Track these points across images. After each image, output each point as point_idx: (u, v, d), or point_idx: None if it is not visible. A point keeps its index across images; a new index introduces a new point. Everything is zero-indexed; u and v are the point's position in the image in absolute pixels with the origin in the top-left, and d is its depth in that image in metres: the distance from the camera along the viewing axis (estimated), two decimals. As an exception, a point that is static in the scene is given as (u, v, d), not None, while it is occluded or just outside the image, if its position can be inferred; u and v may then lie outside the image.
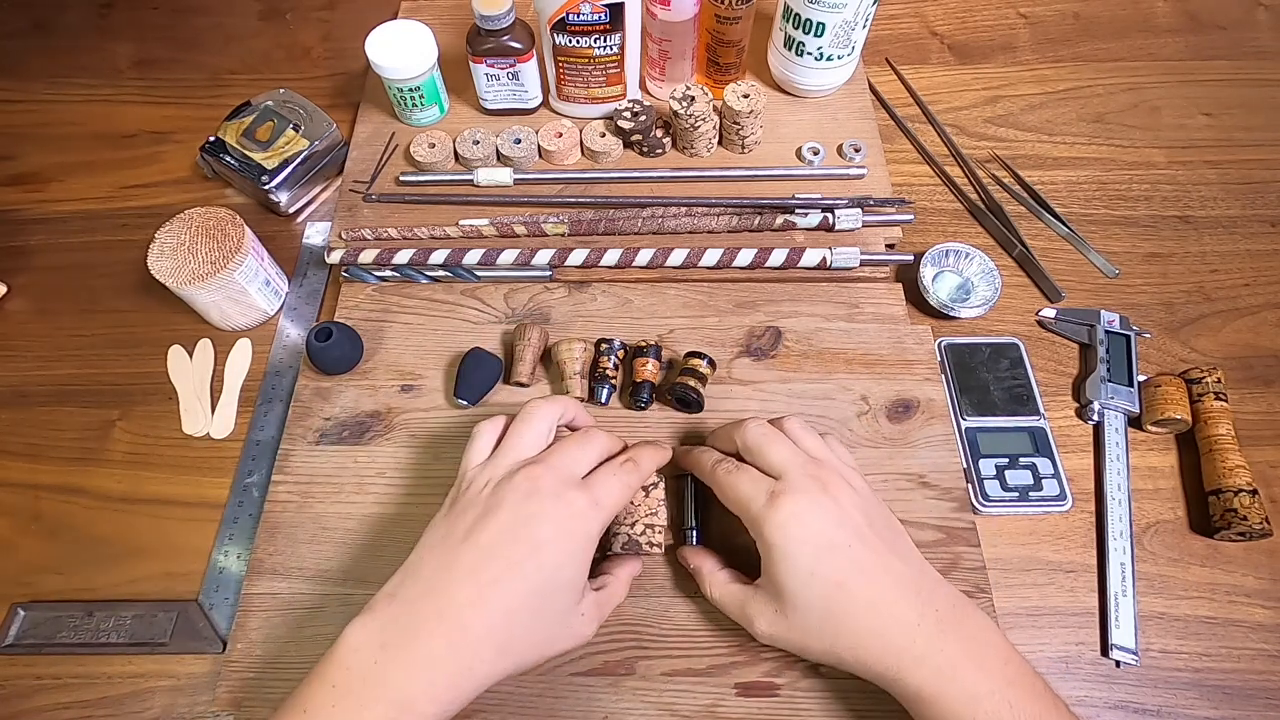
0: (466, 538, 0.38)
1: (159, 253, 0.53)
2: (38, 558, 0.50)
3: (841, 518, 0.39)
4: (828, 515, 0.39)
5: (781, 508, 0.39)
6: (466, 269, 0.57)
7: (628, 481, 0.42)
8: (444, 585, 0.37)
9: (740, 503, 0.41)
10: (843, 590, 0.38)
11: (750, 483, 0.41)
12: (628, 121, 0.61)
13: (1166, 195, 0.64)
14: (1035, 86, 0.70)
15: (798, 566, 0.38)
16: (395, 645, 0.35)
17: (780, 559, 0.39)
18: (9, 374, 0.57)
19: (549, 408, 0.44)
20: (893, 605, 0.38)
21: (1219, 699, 0.45)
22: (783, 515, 0.39)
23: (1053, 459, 0.51)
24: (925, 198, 0.64)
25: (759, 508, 0.40)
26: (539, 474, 0.39)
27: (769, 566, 0.39)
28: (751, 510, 0.40)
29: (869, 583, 0.38)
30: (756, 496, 0.40)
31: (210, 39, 0.75)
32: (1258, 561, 0.49)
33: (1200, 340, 0.57)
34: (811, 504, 0.39)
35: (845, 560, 0.38)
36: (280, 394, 0.55)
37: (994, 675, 0.36)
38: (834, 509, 0.39)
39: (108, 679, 0.46)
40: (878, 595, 0.38)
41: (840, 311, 0.56)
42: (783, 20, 0.61)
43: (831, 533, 0.39)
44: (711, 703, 0.43)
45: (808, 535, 0.38)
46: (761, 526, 0.39)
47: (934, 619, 0.37)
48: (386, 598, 0.38)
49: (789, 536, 0.38)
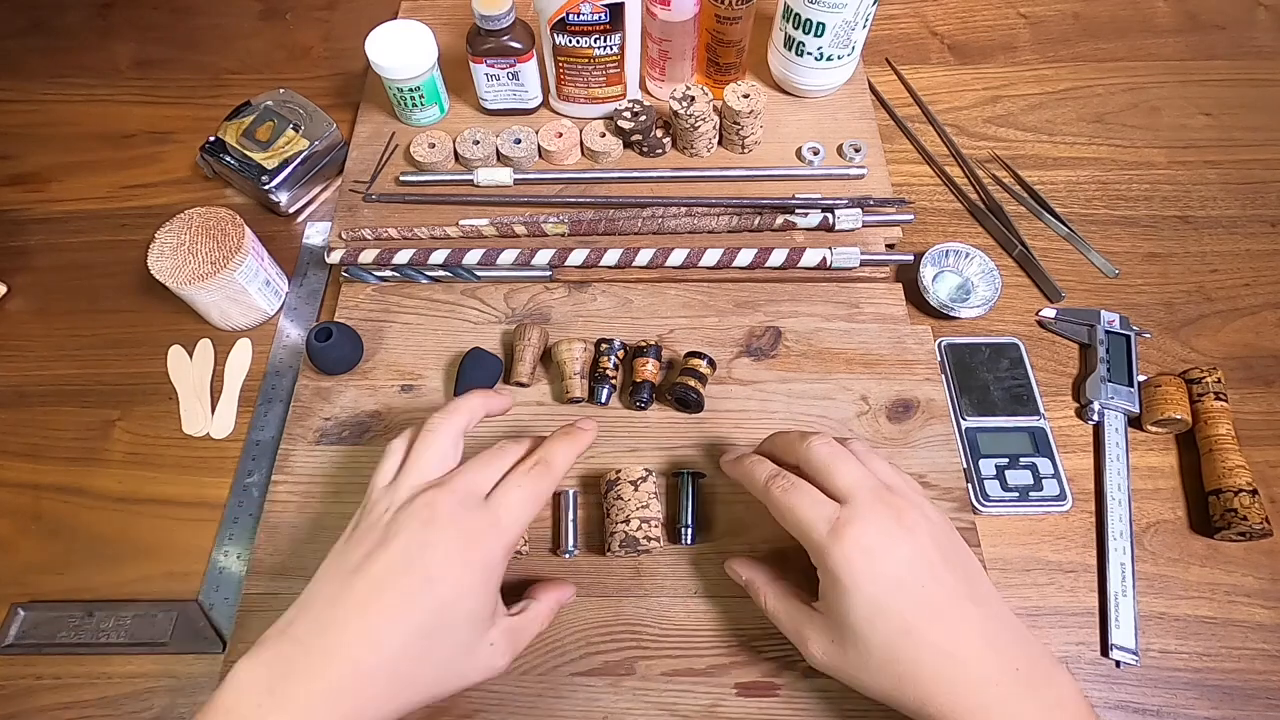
0: (359, 569, 0.36)
1: (159, 253, 0.53)
2: (38, 558, 0.50)
3: (915, 553, 0.36)
4: (899, 549, 0.36)
5: (848, 537, 0.35)
6: (466, 269, 0.57)
7: (536, 490, 0.39)
8: (334, 620, 0.35)
9: (801, 527, 0.37)
10: (911, 636, 0.35)
11: (813, 505, 0.37)
12: (628, 121, 0.61)
13: (1166, 195, 0.64)
14: (1035, 86, 0.70)
15: (863, 604, 0.35)
16: (281, 688, 0.33)
17: (844, 594, 0.35)
18: (9, 374, 0.57)
19: (448, 422, 0.40)
20: (966, 657, 0.34)
21: (1219, 699, 0.45)
22: (849, 546, 0.35)
23: (1053, 459, 0.51)
24: (925, 198, 0.64)
25: (822, 535, 0.36)
26: (436, 499, 0.37)
27: (831, 599, 0.36)
28: (813, 537, 0.37)
29: (942, 629, 0.35)
30: (819, 522, 0.36)
31: (210, 39, 0.75)
32: (1258, 561, 0.49)
33: (1200, 340, 0.57)
34: (882, 535, 0.36)
35: (916, 601, 0.35)
36: (280, 394, 0.55)
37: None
38: (907, 542, 0.36)
39: (108, 679, 0.46)
40: (950, 644, 0.35)
41: (840, 311, 0.56)
42: (783, 20, 0.61)
43: (903, 570, 0.35)
44: (711, 703, 0.43)
45: (877, 571, 0.35)
46: (825, 556, 0.36)
47: (1011, 678, 0.34)
48: (277, 633, 0.35)
49: (856, 570, 0.35)
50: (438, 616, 0.35)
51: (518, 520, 0.38)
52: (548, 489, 0.39)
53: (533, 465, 0.40)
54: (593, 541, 0.48)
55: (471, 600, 0.36)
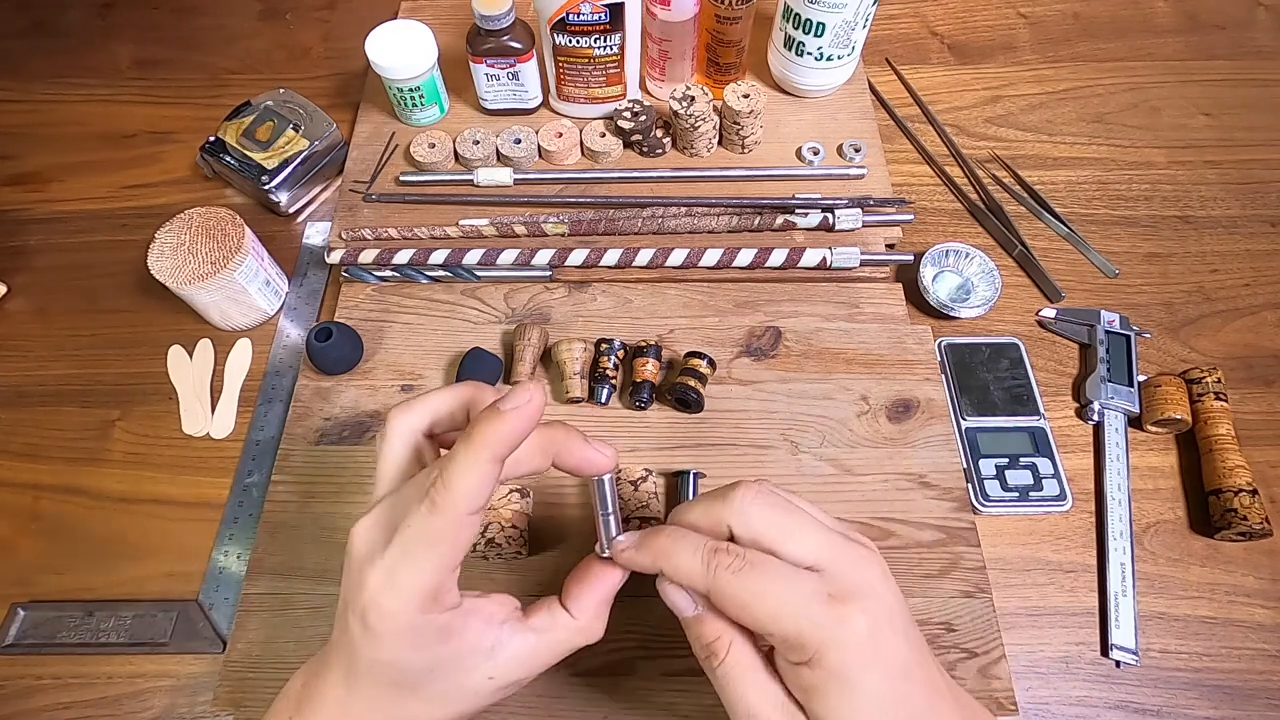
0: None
1: (159, 253, 0.53)
2: (38, 558, 0.50)
3: (906, 627, 0.30)
4: (898, 620, 0.29)
5: (854, 621, 0.28)
6: (466, 269, 0.57)
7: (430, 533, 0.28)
8: (323, 663, 0.32)
9: (782, 614, 0.28)
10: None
11: (791, 582, 0.28)
12: (628, 121, 0.61)
13: (1166, 195, 0.64)
14: (1035, 86, 0.70)
15: (873, 705, 0.28)
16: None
17: (850, 695, 0.28)
18: (9, 374, 0.57)
19: (391, 438, 0.32)
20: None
21: (1219, 699, 0.45)
22: (859, 631, 0.28)
23: (1053, 459, 0.51)
24: (925, 198, 0.64)
25: (817, 622, 0.28)
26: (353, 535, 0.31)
27: (830, 703, 0.28)
28: (804, 626, 0.28)
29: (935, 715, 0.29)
30: (808, 604, 0.28)
31: (210, 39, 0.75)
32: (1258, 561, 0.49)
33: (1200, 340, 0.57)
34: (882, 606, 0.29)
35: (915, 691, 0.29)
36: (280, 394, 0.55)
37: None
38: (898, 609, 0.30)
39: (108, 679, 0.46)
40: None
41: (840, 311, 0.56)
42: (783, 20, 0.61)
43: (904, 653, 0.29)
44: (711, 703, 0.43)
45: (888, 658, 0.28)
46: (824, 649, 0.28)
47: None
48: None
49: (866, 661, 0.28)
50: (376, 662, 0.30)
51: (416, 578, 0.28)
52: (444, 530, 0.28)
53: (423, 502, 0.28)
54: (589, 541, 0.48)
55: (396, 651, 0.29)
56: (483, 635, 0.30)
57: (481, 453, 0.28)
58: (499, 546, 0.44)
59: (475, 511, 0.28)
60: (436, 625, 0.29)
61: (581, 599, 0.32)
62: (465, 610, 0.30)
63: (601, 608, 0.33)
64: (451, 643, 0.30)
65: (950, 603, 0.46)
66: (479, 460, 0.28)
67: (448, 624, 0.29)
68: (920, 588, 0.46)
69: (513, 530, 0.45)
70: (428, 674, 0.30)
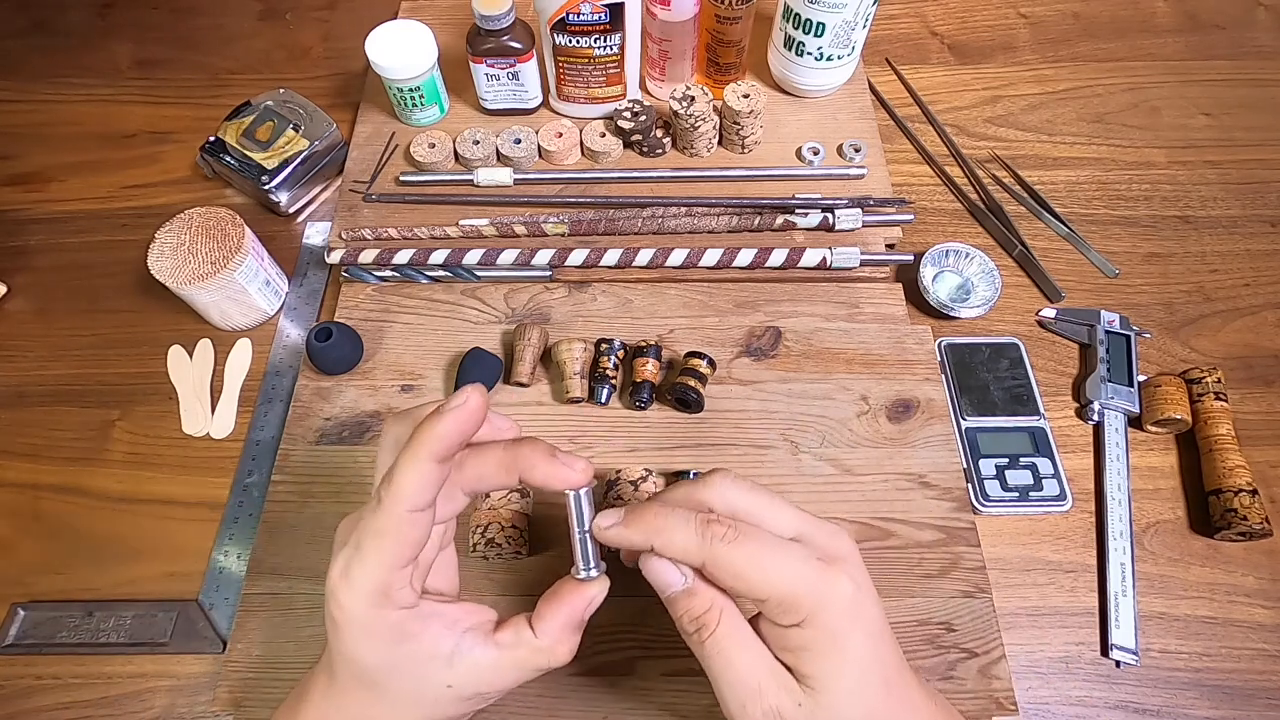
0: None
1: (159, 253, 0.53)
2: (38, 558, 0.50)
3: (876, 597, 0.32)
4: (871, 594, 0.31)
5: (842, 582, 0.30)
6: (466, 269, 0.57)
7: (376, 530, 0.29)
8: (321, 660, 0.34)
9: (779, 576, 0.29)
10: (889, 692, 0.31)
11: (784, 548, 0.30)
12: (628, 121, 0.61)
13: (1166, 195, 0.64)
14: (1035, 86, 0.70)
15: (858, 664, 0.30)
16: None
17: (840, 653, 0.29)
18: (9, 374, 0.57)
19: (385, 444, 0.33)
20: (923, 701, 0.32)
21: (1219, 699, 0.45)
22: (846, 592, 0.29)
23: (1053, 459, 0.51)
24: (925, 198, 0.64)
25: (810, 581, 0.29)
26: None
27: (820, 661, 0.30)
28: (798, 585, 0.29)
29: (909, 680, 0.32)
30: (802, 566, 0.29)
31: (210, 39, 0.75)
32: (1258, 561, 0.49)
33: (1200, 340, 0.57)
34: (862, 578, 0.31)
35: (888, 651, 0.31)
36: (280, 394, 0.55)
37: None
38: (871, 584, 0.32)
39: (108, 679, 0.46)
40: (911, 693, 0.32)
41: (840, 311, 0.56)
42: (783, 20, 0.61)
43: (880, 618, 0.31)
44: (711, 703, 0.43)
45: (868, 620, 0.30)
46: (817, 608, 0.29)
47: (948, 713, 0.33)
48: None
49: (852, 621, 0.30)
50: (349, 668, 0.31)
51: (369, 573, 0.29)
52: (393, 530, 0.29)
53: (374, 503, 0.29)
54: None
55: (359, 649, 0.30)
56: (440, 640, 0.31)
57: (421, 452, 0.29)
58: (499, 546, 0.44)
59: (418, 509, 0.29)
60: (389, 623, 0.30)
61: (548, 620, 0.32)
62: (424, 612, 0.31)
63: (567, 631, 0.32)
64: (407, 644, 0.30)
65: (950, 603, 0.46)
66: (418, 459, 0.29)
67: (401, 623, 0.30)
68: (920, 588, 0.46)
69: (513, 530, 0.45)
70: (386, 674, 0.30)
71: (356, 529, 0.30)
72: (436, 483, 0.29)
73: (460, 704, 0.32)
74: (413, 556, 0.30)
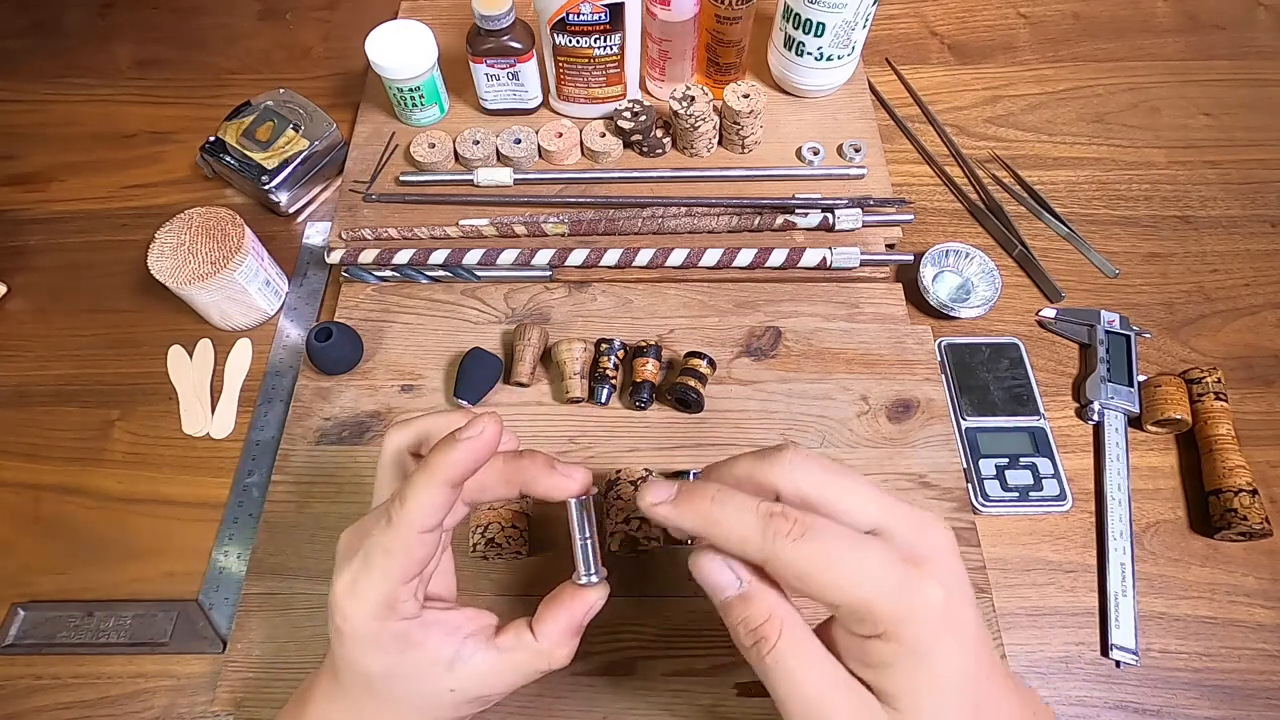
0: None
1: (159, 253, 0.53)
2: (38, 558, 0.50)
3: (974, 600, 0.28)
4: (968, 598, 0.27)
5: (930, 590, 0.25)
6: (466, 269, 0.57)
7: (385, 548, 0.29)
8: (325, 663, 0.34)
9: (857, 583, 0.25)
10: (978, 711, 0.27)
11: (862, 548, 0.26)
12: (628, 121, 0.61)
13: (1166, 195, 0.64)
14: (1035, 86, 0.70)
15: (950, 683, 0.26)
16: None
17: (929, 672, 0.26)
18: (9, 374, 0.57)
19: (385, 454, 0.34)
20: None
21: (1219, 699, 0.45)
22: (935, 602, 0.25)
23: (1053, 459, 0.51)
24: (925, 198, 0.64)
25: (893, 590, 0.25)
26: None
27: (906, 680, 0.26)
28: (879, 594, 0.25)
29: (995, 693, 0.28)
30: (883, 571, 0.25)
31: (210, 39, 0.75)
32: (1258, 561, 0.49)
33: (1200, 340, 0.57)
34: (956, 582, 0.27)
35: (984, 669, 0.27)
36: (280, 394, 0.55)
37: None
38: (968, 586, 0.27)
39: (108, 679, 0.46)
40: (997, 709, 0.28)
41: (840, 311, 0.56)
42: (783, 20, 0.61)
43: (976, 627, 0.27)
44: (711, 703, 0.43)
45: (963, 633, 0.26)
46: (901, 622, 0.25)
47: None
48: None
49: (943, 636, 0.26)
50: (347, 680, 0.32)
51: (370, 590, 0.29)
52: (396, 547, 0.29)
53: (383, 518, 0.30)
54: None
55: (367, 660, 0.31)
56: (442, 647, 0.31)
57: (435, 477, 0.29)
58: (499, 546, 0.44)
59: (428, 530, 0.29)
60: (392, 633, 0.30)
61: (548, 624, 0.32)
62: (426, 622, 0.31)
63: (567, 635, 0.32)
64: (411, 652, 0.30)
65: (950, 603, 0.46)
66: (432, 484, 0.29)
67: (405, 633, 0.30)
68: (920, 588, 0.46)
69: (513, 530, 0.45)
70: (389, 680, 0.31)
71: (364, 544, 0.30)
72: (447, 505, 0.30)
73: (463, 707, 0.32)
74: (419, 573, 0.30)
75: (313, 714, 0.33)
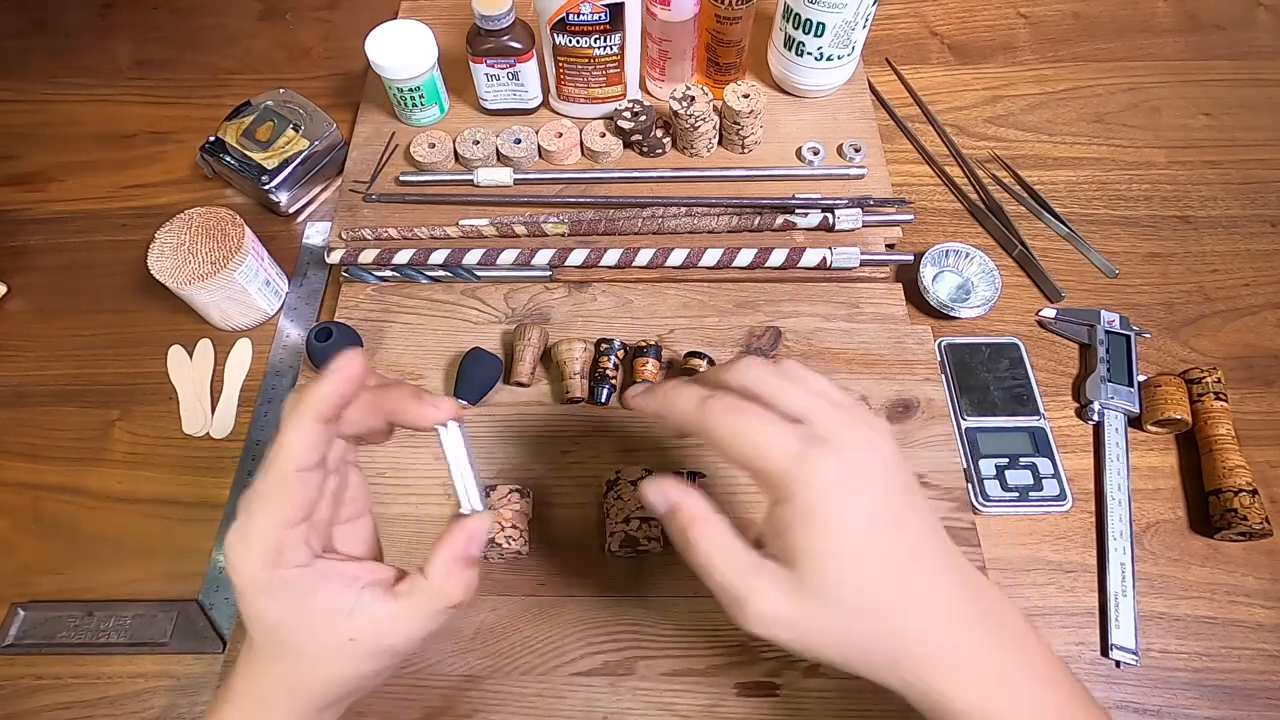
0: None
1: (159, 253, 0.53)
2: (38, 558, 0.50)
3: (890, 481, 0.31)
4: (878, 475, 0.31)
5: (824, 461, 0.30)
6: (466, 269, 0.57)
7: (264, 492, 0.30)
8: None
9: (757, 450, 0.31)
10: (890, 576, 0.30)
11: (769, 425, 0.31)
12: (628, 121, 0.61)
13: (1166, 195, 0.64)
14: (1035, 86, 0.70)
15: (841, 541, 0.30)
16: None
17: (819, 530, 0.30)
18: (9, 374, 0.57)
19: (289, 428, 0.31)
20: (942, 599, 0.31)
21: (1219, 699, 0.45)
22: (827, 470, 0.30)
23: (1053, 459, 0.51)
24: (925, 198, 0.64)
25: (789, 458, 0.30)
26: None
27: (797, 538, 0.30)
28: (777, 461, 0.30)
29: (920, 569, 0.31)
30: (784, 443, 0.30)
31: (210, 39, 0.75)
32: (1258, 561, 0.49)
33: (1200, 340, 0.57)
34: (862, 459, 0.31)
35: (897, 537, 0.31)
36: (280, 394, 0.55)
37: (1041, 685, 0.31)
38: (882, 468, 0.31)
39: (108, 679, 0.46)
40: (928, 585, 0.31)
41: (840, 311, 0.56)
42: (783, 20, 0.61)
43: (884, 499, 0.31)
44: (711, 703, 0.43)
45: (860, 501, 0.30)
46: (794, 484, 0.30)
47: (983, 621, 0.31)
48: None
49: (836, 499, 0.30)
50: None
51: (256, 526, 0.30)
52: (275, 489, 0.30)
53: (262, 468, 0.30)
54: (589, 541, 0.48)
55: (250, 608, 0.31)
56: (339, 596, 0.31)
57: (305, 414, 0.30)
58: (499, 546, 0.44)
59: (304, 469, 0.30)
60: (283, 580, 0.30)
61: (434, 559, 0.32)
62: (321, 571, 0.31)
63: (454, 566, 0.32)
64: (306, 601, 0.31)
65: (950, 603, 0.46)
66: (302, 421, 0.30)
67: (296, 581, 0.30)
68: (920, 588, 0.46)
69: (513, 530, 0.45)
70: (288, 630, 0.31)
71: (248, 494, 0.30)
72: (320, 442, 0.30)
73: (369, 659, 0.32)
74: (303, 515, 0.30)
75: (238, 672, 0.33)
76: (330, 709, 0.33)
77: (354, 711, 0.43)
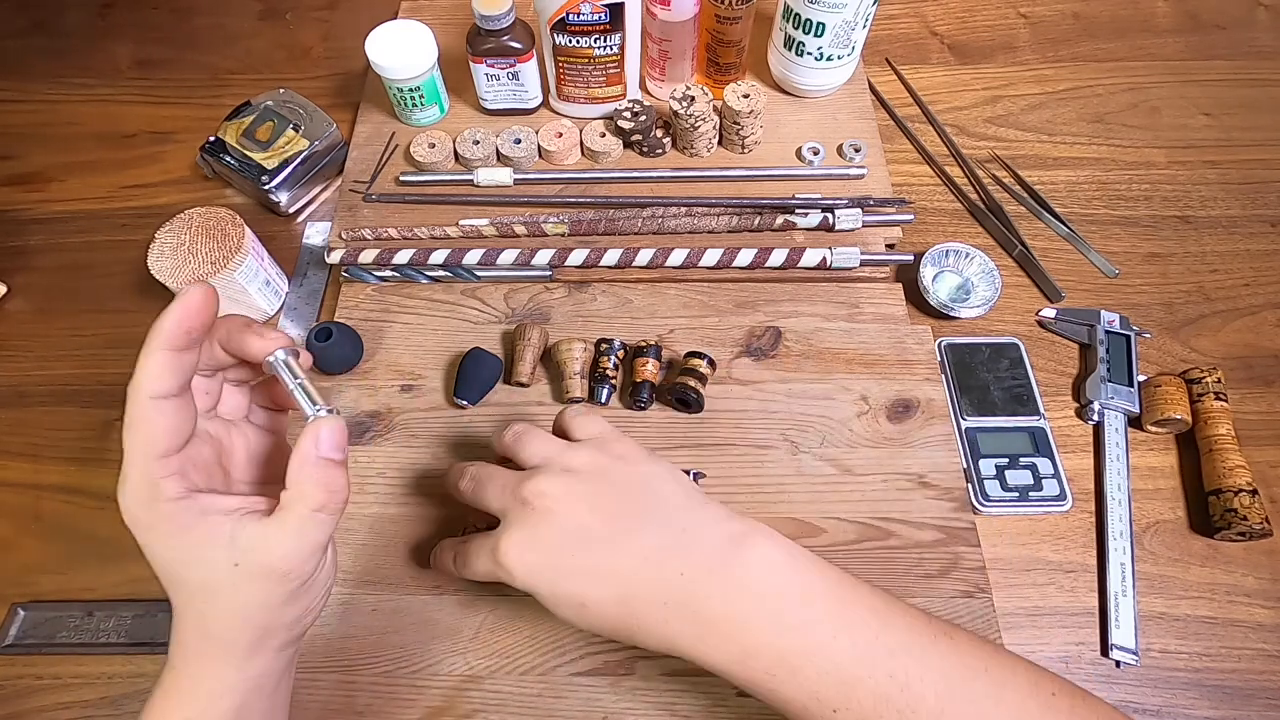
0: None
1: (159, 253, 0.53)
2: (38, 558, 0.50)
3: (563, 525, 0.36)
4: (542, 535, 0.36)
5: (518, 495, 0.38)
6: (466, 269, 0.57)
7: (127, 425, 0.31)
8: None
9: (491, 505, 0.40)
10: (586, 608, 0.36)
11: (497, 488, 0.39)
12: (628, 121, 0.61)
13: (1166, 195, 0.64)
14: (1035, 86, 0.70)
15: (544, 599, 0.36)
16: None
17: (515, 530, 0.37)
18: (9, 374, 0.57)
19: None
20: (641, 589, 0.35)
21: (1219, 699, 0.45)
22: (524, 502, 0.37)
23: (1053, 459, 0.51)
24: (925, 198, 0.64)
25: (501, 501, 0.39)
26: None
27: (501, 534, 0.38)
28: (496, 504, 0.39)
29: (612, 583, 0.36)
30: (501, 496, 0.39)
31: (210, 39, 0.75)
32: (1258, 561, 0.49)
33: (1200, 340, 0.57)
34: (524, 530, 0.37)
35: (577, 576, 0.36)
36: (280, 394, 0.55)
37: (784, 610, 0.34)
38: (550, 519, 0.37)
39: (108, 679, 0.46)
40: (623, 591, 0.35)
41: (840, 311, 0.56)
42: (783, 20, 0.61)
43: (554, 556, 0.36)
44: (711, 703, 0.43)
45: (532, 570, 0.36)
46: (505, 515, 0.38)
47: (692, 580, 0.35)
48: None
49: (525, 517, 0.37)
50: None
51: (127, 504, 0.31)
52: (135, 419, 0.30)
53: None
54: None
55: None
56: (217, 526, 0.32)
57: (154, 342, 0.31)
58: None
59: (160, 396, 0.30)
60: (162, 515, 0.31)
61: (290, 470, 0.33)
62: (200, 505, 0.32)
63: (306, 469, 0.33)
64: (188, 534, 0.32)
65: (950, 603, 0.46)
66: (152, 349, 0.30)
67: (175, 515, 0.31)
68: (920, 588, 0.46)
69: None
70: (179, 566, 0.33)
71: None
72: (174, 370, 0.31)
73: (259, 583, 0.33)
74: (170, 446, 0.31)
75: (172, 636, 0.35)
76: (255, 652, 0.34)
77: (354, 711, 0.43)
